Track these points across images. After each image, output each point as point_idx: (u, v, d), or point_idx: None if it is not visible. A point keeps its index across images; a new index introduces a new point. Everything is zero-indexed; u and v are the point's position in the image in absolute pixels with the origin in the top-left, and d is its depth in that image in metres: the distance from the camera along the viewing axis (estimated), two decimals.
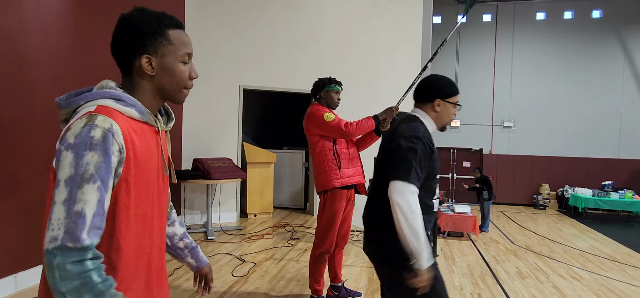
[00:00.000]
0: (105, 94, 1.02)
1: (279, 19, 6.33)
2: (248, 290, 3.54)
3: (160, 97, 1.12)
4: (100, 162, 0.93)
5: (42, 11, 3.47)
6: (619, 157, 10.06)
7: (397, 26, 6.59)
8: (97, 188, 0.92)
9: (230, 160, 5.76)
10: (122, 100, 1.02)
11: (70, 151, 0.92)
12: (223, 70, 6.10)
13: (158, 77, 1.09)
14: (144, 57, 1.06)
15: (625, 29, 9.97)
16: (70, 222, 0.89)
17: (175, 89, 1.12)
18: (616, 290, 3.99)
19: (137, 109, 1.04)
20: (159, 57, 1.08)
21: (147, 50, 1.06)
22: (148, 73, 1.07)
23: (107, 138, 0.94)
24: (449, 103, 1.83)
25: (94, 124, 0.93)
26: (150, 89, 1.10)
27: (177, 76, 1.10)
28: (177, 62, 1.10)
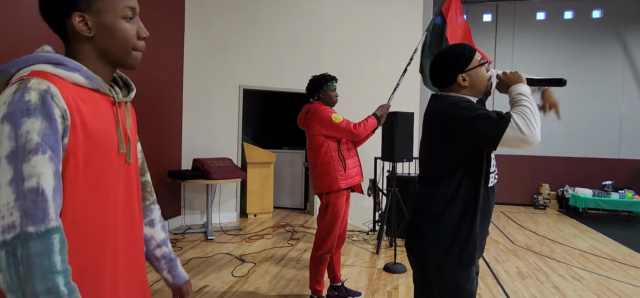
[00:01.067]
0: (39, 57, 0.86)
1: (279, 19, 6.32)
2: (248, 290, 3.53)
3: (108, 62, 0.96)
4: (45, 127, 0.78)
5: None
6: (619, 157, 10.05)
7: (397, 26, 6.59)
8: (48, 158, 0.78)
9: (230, 160, 5.76)
10: (62, 64, 0.86)
11: (6, 122, 0.77)
12: (223, 70, 6.10)
13: (98, 39, 0.92)
14: (75, 15, 0.89)
15: (625, 29, 9.97)
16: (27, 202, 0.75)
17: (122, 51, 0.95)
18: (616, 290, 3.98)
19: (82, 73, 0.88)
20: (95, 14, 0.91)
21: (79, 6, 0.89)
22: (84, 34, 0.91)
23: (45, 100, 0.79)
24: (473, 69, 1.61)
25: (27, 87, 0.79)
26: (93, 53, 0.93)
27: (119, 35, 0.93)
28: (117, 19, 0.93)
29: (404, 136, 4.61)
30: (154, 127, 5.20)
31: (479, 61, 1.63)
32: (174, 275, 1.21)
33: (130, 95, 1.03)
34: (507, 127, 1.41)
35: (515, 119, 1.42)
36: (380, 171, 5.85)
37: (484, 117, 1.45)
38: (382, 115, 3.07)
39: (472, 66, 1.61)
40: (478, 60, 1.63)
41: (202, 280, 3.72)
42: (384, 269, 4.21)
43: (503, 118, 1.43)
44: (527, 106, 1.46)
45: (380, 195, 5.69)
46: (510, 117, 1.42)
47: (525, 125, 1.41)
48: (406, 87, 6.60)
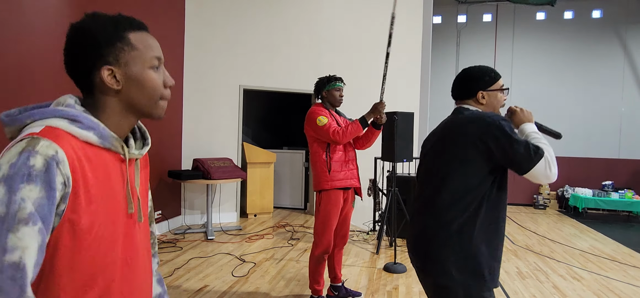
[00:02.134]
0: (57, 112, 0.82)
1: (279, 19, 6.33)
2: (248, 290, 3.54)
3: (133, 114, 0.93)
4: (42, 197, 0.73)
5: (41, 11, 3.46)
6: (619, 157, 10.05)
7: (397, 26, 6.57)
8: (37, 230, 0.73)
9: (230, 160, 5.76)
10: (78, 122, 0.83)
11: (3, 184, 0.72)
12: (223, 70, 6.10)
13: (126, 91, 0.90)
14: (104, 68, 0.87)
15: (625, 29, 9.97)
16: (4, 277, 0.69)
17: (150, 101, 0.92)
18: (616, 290, 3.98)
19: (97, 132, 0.85)
20: (123, 66, 0.89)
21: (107, 60, 0.87)
22: (113, 87, 0.88)
23: (50, 168, 0.74)
24: (493, 91, 1.70)
25: (34, 150, 0.74)
26: (119, 106, 0.91)
27: (148, 86, 0.91)
28: (145, 70, 0.91)
29: (404, 136, 4.61)
30: (154, 127, 5.20)
31: (501, 86, 1.72)
32: None
33: (143, 150, 0.99)
34: (539, 161, 1.49)
35: (547, 156, 1.50)
36: (380, 171, 5.85)
37: (524, 143, 1.51)
38: (378, 117, 3.07)
39: (494, 88, 1.71)
40: (500, 85, 1.72)
41: (202, 280, 3.72)
42: (384, 269, 4.22)
43: (538, 152, 1.50)
44: (548, 149, 1.53)
45: (380, 195, 5.69)
46: (544, 154, 1.50)
47: (553, 166, 1.51)
48: (406, 87, 6.61)
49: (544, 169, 1.49)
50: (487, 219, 1.56)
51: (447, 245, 1.57)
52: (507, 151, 1.50)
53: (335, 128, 2.97)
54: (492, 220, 1.57)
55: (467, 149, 1.56)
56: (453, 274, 1.55)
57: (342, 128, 2.99)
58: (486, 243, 1.56)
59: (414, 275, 4.10)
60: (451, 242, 1.56)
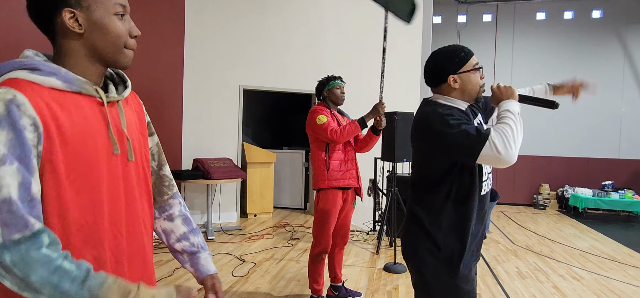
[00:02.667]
0: (15, 64, 0.85)
1: (279, 19, 6.33)
2: (248, 290, 3.54)
3: (98, 61, 0.94)
4: (11, 138, 0.77)
5: None
6: (619, 157, 10.05)
7: (397, 26, 6.57)
8: (16, 169, 0.77)
9: (231, 160, 5.76)
10: (37, 69, 0.85)
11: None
12: (223, 70, 6.10)
13: (89, 36, 0.91)
14: (65, 11, 0.88)
15: (625, 29, 9.97)
16: (3, 213, 0.75)
17: (114, 48, 0.93)
18: (616, 290, 3.98)
19: (59, 76, 0.86)
20: (85, 10, 0.89)
21: (68, 1, 0.88)
22: (75, 31, 0.89)
23: (10, 111, 0.78)
24: (466, 72, 1.59)
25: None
26: (82, 51, 0.92)
27: (112, 32, 0.92)
28: (109, 15, 0.91)
29: (404, 136, 4.61)
30: (154, 127, 5.19)
31: (474, 65, 1.61)
32: (196, 268, 1.16)
33: (124, 93, 1.00)
34: (484, 144, 1.41)
35: (493, 137, 1.42)
36: (380, 171, 5.85)
37: (464, 132, 1.45)
38: (376, 118, 3.09)
39: (465, 69, 1.59)
40: (473, 64, 1.61)
41: None
42: (384, 269, 4.22)
43: (481, 135, 1.43)
44: (509, 125, 1.45)
45: (380, 195, 5.69)
46: (488, 135, 1.42)
47: (502, 144, 1.41)
48: (406, 87, 6.61)
49: (491, 151, 1.40)
50: (455, 209, 1.57)
51: (418, 234, 1.63)
52: (448, 146, 1.50)
53: (333, 127, 2.98)
54: (461, 210, 1.57)
55: (422, 146, 1.64)
56: (426, 261, 1.61)
57: (340, 127, 2.99)
58: (454, 233, 1.58)
59: None
60: (423, 232, 1.62)
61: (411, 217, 1.69)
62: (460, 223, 1.57)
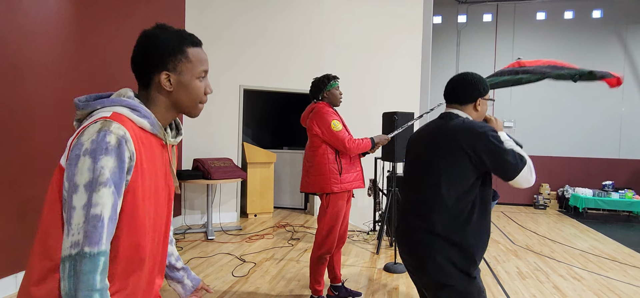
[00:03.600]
0: (122, 102, 1.05)
1: (279, 19, 6.32)
2: (248, 290, 3.54)
3: (175, 111, 1.16)
4: (115, 167, 0.95)
5: (41, 10, 3.46)
6: (619, 157, 10.05)
7: (397, 26, 6.59)
8: (111, 192, 0.94)
9: (231, 160, 5.76)
10: (137, 111, 1.05)
11: (88, 156, 0.93)
12: (223, 70, 6.10)
13: (175, 93, 1.12)
14: (163, 73, 1.09)
15: (625, 29, 9.97)
16: (89, 226, 0.91)
17: (191, 104, 1.15)
18: (617, 290, 3.98)
19: (150, 120, 1.07)
20: (178, 73, 1.11)
21: (167, 67, 1.09)
22: (166, 89, 1.11)
23: (121, 144, 0.96)
24: (485, 100, 1.83)
25: (109, 130, 0.96)
26: (166, 103, 1.13)
27: (193, 92, 1.14)
28: (194, 79, 1.13)
29: (404, 136, 4.61)
30: None
31: (489, 98, 1.85)
32: (190, 278, 1.43)
33: (177, 138, 1.23)
34: (524, 168, 1.64)
35: (529, 164, 1.66)
36: (380, 171, 5.85)
37: (511, 152, 1.64)
38: (378, 143, 3.13)
39: (486, 97, 1.83)
40: (489, 96, 1.86)
41: (203, 280, 3.72)
42: (384, 269, 4.22)
43: (523, 160, 1.64)
44: (528, 157, 1.70)
45: (381, 195, 5.69)
46: (526, 161, 1.66)
47: (533, 172, 1.67)
48: (406, 87, 6.61)
49: (528, 175, 1.64)
50: (479, 218, 1.68)
51: (446, 246, 1.68)
52: (498, 160, 1.64)
53: (350, 137, 2.99)
54: (483, 218, 1.70)
55: (460, 156, 1.67)
56: (451, 271, 1.68)
57: (356, 141, 3.00)
58: (479, 239, 1.69)
59: None
60: (450, 243, 1.67)
61: (432, 233, 1.70)
62: (484, 231, 1.70)
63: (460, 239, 1.66)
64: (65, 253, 0.90)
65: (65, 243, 0.91)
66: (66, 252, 0.90)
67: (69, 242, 0.90)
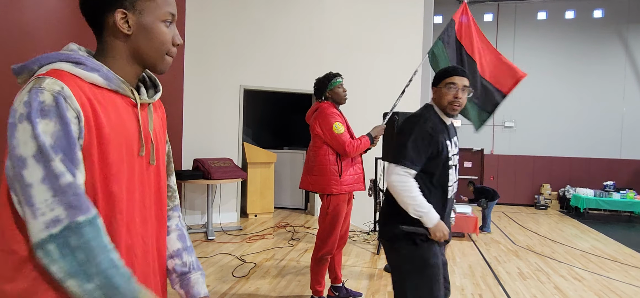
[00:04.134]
0: (60, 56, 0.87)
1: (279, 19, 6.32)
2: (249, 290, 3.53)
3: (138, 63, 0.96)
4: (58, 130, 0.79)
5: (41, 10, 3.46)
6: (620, 157, 10.03)
7: (398, 26, 6.58)
8: (59, 160, 0.78)
9: (231, 160, 5.76)
10: (81, 64, 0.86)
11: (26, 122, 0.78)
12: (223, 70, 6.10)
13: (135, 38, 0.93)
14: (118, 11, 0.90)
15: (626, 29, 9.95)
16: (70, 196, 0.77)
17: (156, 54, 0.95)
18: (618, 291, 3.97)
19: (101, 74, 0.88)
20: (137, 13, 0.91)
21: (123, 3, 0.90)
22: (123, 31, 0.91)
23: (59, 102, 0.79)
24: (440, 88, 1.99)
25: (41, 87, 0.79)
26: (126, 52, 0.94)
27: (158, 38, 0.94)
28: (157, 22, 0.93)
29: None
30: None
31: (447, 82, 1.97)
32: (186, 289, 1.08)
33: (155, 96, 1.02)
34: (392, 167, 1.96)
35: (391, 183, 1.97)
36: (381, 171, 5.84)
37: (401, 146, 1.95)
38: (376, 137, 3.11)
39: (440, 85, 1.99)
40: (446, 81, 1.97)
41: None
42: (385, 269, 4.21)
43: (397, 166, 1.93)
44: None
45: (381, 195, 5.68)
46: (394, 173, 1.95)
47: (392, 185, 1.97)
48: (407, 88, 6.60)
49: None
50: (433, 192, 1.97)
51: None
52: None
53: (350, 141, 2.97)
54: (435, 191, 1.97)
55: None
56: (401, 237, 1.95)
57: (355, 143, 2.98)
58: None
59: None
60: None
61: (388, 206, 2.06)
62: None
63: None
64: (41, 236, 0.75)
65: (35, 228, 0.76)
66: (40, 235, 0.75)
67: (41, 224, 0.75)
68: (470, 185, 7.37)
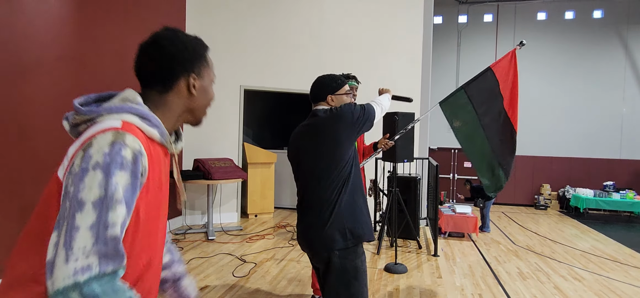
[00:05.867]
0: (131, 109, 0.93)
1: (279, 19, 6.32)
2: (249, 290, 3.54)
3: (188, 117, 1.07)
4: (129, 184, 0.85)
5: (42, 11, 3.47)
6: (620, 157, 10.03)
7: (398, 26, 6.58)
8: (124, 211, 0.85)
9: (231, 161, 5.76)
10: (147, 120, 0.94)
11: (100, 171, 0.82)
12: (223, 70, 6.10)
13: (196, 99, 1.05)
14: (191, 77, 1.02)
15: (626, 29, 9.95)
16: (108, 248, 0.81)
17: (205, 109, 1.09)
18: (617, 291, 3.97)
19: (160, 131, 0.97)
20: (200, 77, 1.05)
21: (194, 69, 1.03)
22: (191, 93, 1.03)
23: (137, 161, 0.87)
24: (341, 95, 2.05)
25: (124, 143, 0.85)
26: (182, 109, 1.04)
27: (209, 97, 1.09)
28: (211, 84, 1.09)
29: (404, 137, 4.61)
30: None
31: (345, 92, 2.06)
32: (178, 293, 1.24)
33: (178, 145, 1.12)
34: (374, 108, 2.09)
35: (374, 104, 2.14)
36: (381, 171, 5.84)
37: (359, 109, 2.05)
38: (382, 148, 3.18)
39: (339, 93, 2.04)
40: (345, 90, 2.07)
41: (203, 280, 3.72)
42: (385, 269, 4.21)
43: (369, 105, 2.07)
44: (379, 101, 2.22)
45: (381, 195, 5.69)
46: (372, 104, 2.10)
47: (381, 109, 2.19)
48: (407, 88, 6.60)
49: (379, 110, 2.08)
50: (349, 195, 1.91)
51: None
52: (359, 119, 1.93)
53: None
54: (352, 195, 1.91)
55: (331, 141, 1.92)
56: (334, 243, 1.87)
57: (361, 149, 3.03)
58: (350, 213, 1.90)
59: (415, 276, 4.10)
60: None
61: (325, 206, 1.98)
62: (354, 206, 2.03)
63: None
64: (67, 283, 0.76)
65: (62, 272, 0.77)
66: (66, 281, 0.76)
67: (71, 269, 0.77)
68: (467, 184, 7.40)
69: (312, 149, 1.92)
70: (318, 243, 1.88)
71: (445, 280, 4.03)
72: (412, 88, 6.63)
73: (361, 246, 1.93)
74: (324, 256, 1.88)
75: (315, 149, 1.91)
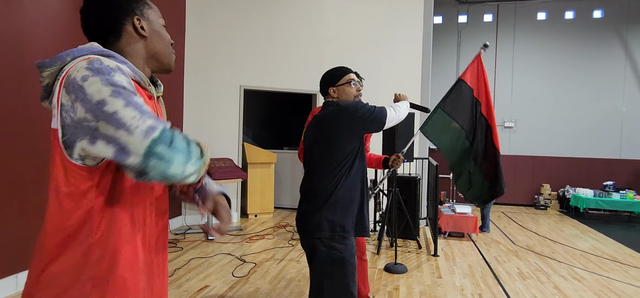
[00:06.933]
0: (94, 50, 0.93)
1: (279, 19, 6.32)
2: (249, 290, 3.53)
3: (152, 63, 1.07)
4: (129, 83, 0.87)
5: (42, 11, 3.46)
6: (620, 157, 10.03)
7: (398, 26, 6.58)
8: (137, 97, 0.85)
9: (231, 161, 5.76)
10: (113, 57, 0.93)
11: (92, 77, 0.83)
12: (223, 70, 6.10)
13: (150, 40, 1.04)
14: (135, 18, 1.01)
15: (626, 29, 9.95)
16: (153, 116, 0.84)
17: (166, 51, 1.08)
18: (617, 291, 3.97)
19: (129, 66, 0.95)
20: (146, 20, 1.04)
21: (136, 11, 1.01)
22: (143, 34, 1.02)
23: (122, 70, 0.89)
24: (342, 85, 2.06)
25: (100, 60, 0.86)
26: (143, 53, 1.04)
27: (165, 37, 1.08)
28: (161, 26, 1.08)
29: (404, 136, 4.61)
30: None
31: (348, 80, 2.07)
32: (202, 196, 1.14)
33: (159, 90, 1.12)
34: (387, 113, 2.03)
35: (390, 109, 2.09)
36: (381, 171, 5.84)
37: (368, 109, 2.01)
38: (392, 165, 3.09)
39: (341, 82, 2.06)
40: (346, 79, 2.07)
41: (203, 280, 3.72)
42: (385, 269, 4.21)
43: (383, 109, 2.00)
44: (395, 107, 2.14)
45: (381, 195, 5.69)
46: (386, 108, 2.04)
47: (397, 114, 2.12)
48: (407, 88, 6.60)
49: (394, 115, 2.01)
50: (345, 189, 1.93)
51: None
52: (363, 118, 1.91)
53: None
54: (350, 191, 1.93)
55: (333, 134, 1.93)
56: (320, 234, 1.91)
57: (367, 156, 2.99)
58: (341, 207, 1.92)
59: (415, 275, 4.10)
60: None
61: (319, 197, 1.98)
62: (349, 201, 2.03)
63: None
64: (146, 144, 0.79)
65: (135, 142, 0.78)
66: (144, 143, 0.79)
67: (140, 134, 0.79)
68: None
69: (314, 139, 1.98)
70: (306, 228, 1.94)
71: (445, 280, 4.03)
72: (412, 88, 6.63)
73: (350, 239, 1.93)
74: (310, 241, 1.93)
75: (316, 139, 1.96)
